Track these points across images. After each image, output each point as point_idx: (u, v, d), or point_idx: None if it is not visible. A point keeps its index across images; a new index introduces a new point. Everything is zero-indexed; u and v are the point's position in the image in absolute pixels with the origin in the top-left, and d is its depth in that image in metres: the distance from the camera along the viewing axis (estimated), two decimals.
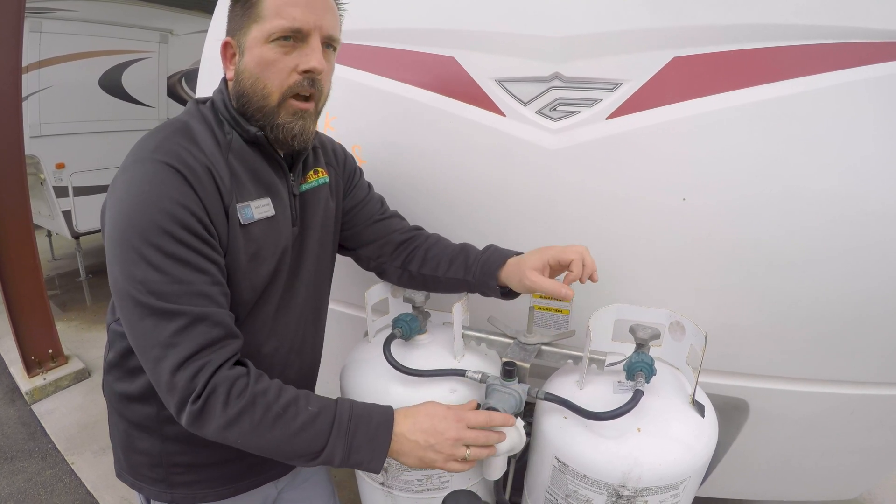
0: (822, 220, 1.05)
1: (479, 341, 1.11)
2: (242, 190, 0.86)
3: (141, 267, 0.73)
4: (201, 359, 0.74)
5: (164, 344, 0.74)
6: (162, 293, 0.74)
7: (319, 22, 0.84)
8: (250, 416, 0.75)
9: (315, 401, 0.81)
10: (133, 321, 0.75)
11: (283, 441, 0.77)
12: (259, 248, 0.88)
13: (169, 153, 0.78)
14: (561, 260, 0.96)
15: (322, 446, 0.78)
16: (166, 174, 0.76)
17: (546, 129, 1.14)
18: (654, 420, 0.90)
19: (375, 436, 0.80)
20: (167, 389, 0.75)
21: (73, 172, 3.92)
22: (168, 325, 0.74)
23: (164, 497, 0.98)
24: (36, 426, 2.64)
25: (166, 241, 0.74)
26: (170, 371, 0.74)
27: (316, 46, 0.84)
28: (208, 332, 0.76)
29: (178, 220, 0.75)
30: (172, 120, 0.87)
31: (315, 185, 1.02)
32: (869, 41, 1.00)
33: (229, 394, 0.75)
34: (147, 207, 0.74)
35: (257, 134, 0.87)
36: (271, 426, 0.76)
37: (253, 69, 0.84)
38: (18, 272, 2.74)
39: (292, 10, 0.81)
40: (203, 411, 0.74)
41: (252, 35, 0.83)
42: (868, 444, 1.37)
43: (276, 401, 0.77)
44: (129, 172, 0.78)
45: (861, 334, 1.15)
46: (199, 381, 0.73)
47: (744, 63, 1.04)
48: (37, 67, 3.58)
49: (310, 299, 1.04)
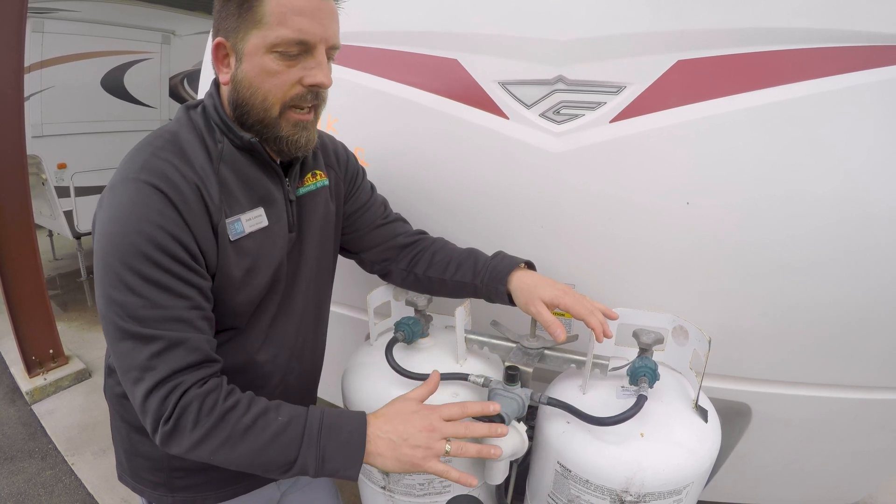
0: (825, 224, 1.05)
1: (481, 345, 1.11)
2: (233, 203, 0.84)
3: (121, 291, 0.73)
4: (172, 381, 0.74)
5: (140, 367, 0.73)
6: (140, 318, 0.73)
7: (326, 33, 0.80)
8: (220, 432, 0.74)
9: (286, 410, 0.78)
10: (113, 342, 0.75)
11: (254, 454, 0.75)
12: (254, 260, 0.87)
13: (156, 173, 0.76)
14: (572, 312, 0.94)
15: (294, 457, 0.76)
16: (151, 196, 0.74)
17: (549, 132, 1.14)
18: (657, 425, 0.90)
19: (348, 442, 0.77)
20: (142, 412, 0.75)
21: (75, 173, 3.92)
22: (144, 349, 0.73)
23: (166, 501, 0.98)
24: (36, 426, 2.63)
25: (146, 266, 0.73)
26: (143, 394, 0.74)
27: (322, 60, 0.81)
28: (185, 356, 0.75)
29: (159, 244, 0.74)
30: (162, 130, 0.84)
31: (313, 189, 1.00)
32: (873, 45, 1.00)
33: (199, 412, 0.73)
34: (129, 231, 0.73)
35: (251, 141, 0.84)
36: (241, 439, 0.74)
37: (253, 79, 0.80)
38: (19, 272, 2.73)
39: (299, 21, 0.77)
40: (174, 431, 0.73)
41: (252, 42, 0.78)
42: (870, 447, 1.36)
43: (245, 413, 0.75)
44: (115, 192, 0.76)
45: (864, 338, 1.15)
46: (169, 401, 0.73)
47: (748, 66, 1.03)
48: (39, 67, 3.58)
49: (310, 304, 1.03)
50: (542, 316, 0.95)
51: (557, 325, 0.94)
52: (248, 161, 0.87)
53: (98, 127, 4.02)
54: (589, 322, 0.92)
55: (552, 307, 0.96)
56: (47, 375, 2.92)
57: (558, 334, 0.94)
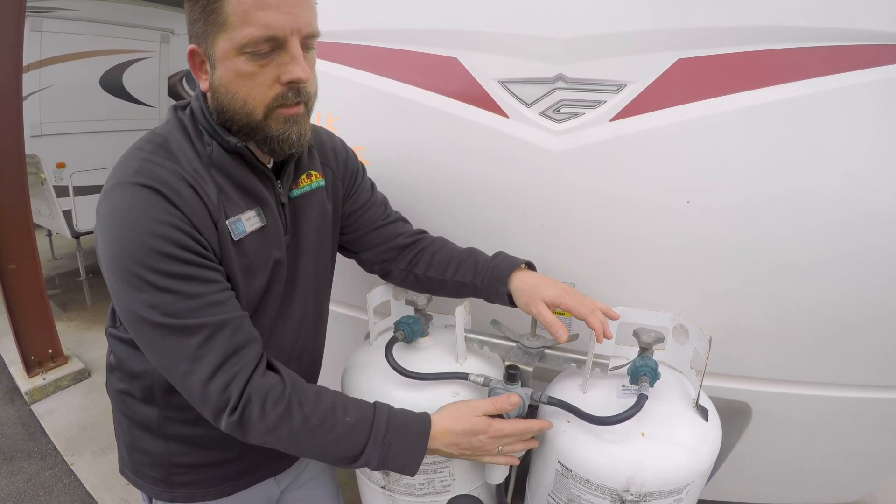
0: (826, 223, 1.04)
1: (481, 344, 1.11)
2: (231, 204, 0.83)
3: (149, 292, 0.72)
4: (230, 368, 0.75)
5: (190, 358, 0.74)
6: (177, 312, 0.73)
7: (296, 23, 0.74)
8: (288, 426, 0.78)
9: (353, 410, 0.83)
10: (153, 343, 0.75)
11: (320, 450, 0.81)
12: (251, 261, 0.86)
13: (150, 175, 0.74)
14: (573, 312, 0.94)
15: (358, 454, 0.82)
16: (149, 197, 0.73)
17: (550, 130, 1.13)
18: (658, 424, 0.89)
19: (410, 447, 0.83)
20: (200, 402, 0.76)
21: (74, 172, 3.92)
22: (190, 340, 0.74)
23: (165, 496, 0.98)
24: (35, 426, 2.63)
25: (165, 262, 0.72)
26: (200, 383, 0.74)
27: (296, 53, 0.76)
28: (231, 337, 0.76)
29: (171, 239, 0.73)
30: (153, 134, 0.82)
31: (307, 190, 0.97)
32: (874, 44, 1.00)
33: (264, 404, 0.76)
34: (137, 233, 0.72)
35: (237, 145, 0.82)
36: (309, 436, 0.79)
37: (228, 85, 0.77)
38: (18, 271, 2.73)
39: (264, 16, 0.71)
40: (241, 422, 0.76)
41: (220, 46, 0.74)
42: (870, 447, 1.36)
43: (313, 412, 0.79)
44: (111, 199, 0.74)
45: (864, 337, 1.15)
46: (232, 391, 0.75)
47: (749, 65, 1.03)
48: (37, 67, 3.57)
49: (309, 305, 1.02)
50: (543, 316, 0.95)
51: (559, 326, 0.94)
52: (238, 164, 0.84)
53: (97, 126, 4.01)
54: (590, 322, 0.92)
55: (553, 307, 0.96)
56: (46, 375, 2.92)
57: (560, 335, 0.94)
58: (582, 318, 0.93)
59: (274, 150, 0.83)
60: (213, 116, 0.82)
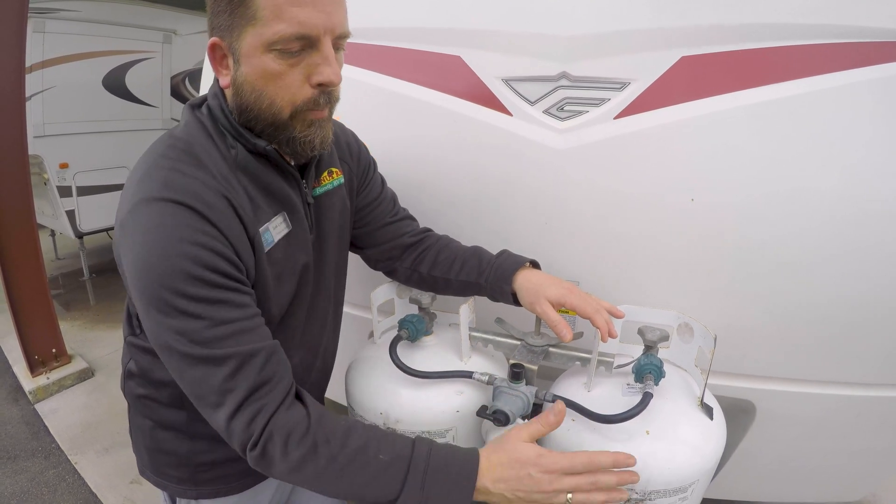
0: (829, 221, 1.04)
1: (485, 343, 1.11)
2: (260, 212, 0.79)
3: (177, 318, 0.68)
4: (255, 402, 0.71)
5: (219, 391, 0.70)
6: (205, 340, 0.69)
7: (330, 22, 0.70)
8: (314, 464, 0.71)
9: (387, 447, 0.74)
10: (181, 371, 0.72)
11: (351, 491, 0.73)
12: (281, 269, 0.84)
13: (181, 189, 0.70)
14: (578, 311, 0.94)
15: (395, 496, 0.72)
16: (181, 215, 0.69)
17: (553, 128, 1.13)
18: (663, 423, 0.89)
19: (454, 489, 0.72)
20: (227, 435, 0.73)
21: (77, 172, 3.93)
22: (219, 371, 0.70)
23: (190, 494, 0.97)
24: (39, 426, 2.63)
25: (196, 286, 0.68)
26: (226, 418, 0.71)
27: (328, 54, 0.72)
28: (260, 370, 0.72)
29: (203, 262, 0.68)
30: (173, 139, 0.77)
31: (330, 188, 0.95)
32: (877, 41, 0.99)
33: (287, 441, 0.71)
34: (168, 254, 0.67)
35: (267, 148, 0.78)
36: (338, 476, 0.72)
37: (255, 83, 0.73)
38: (22, 271, 2.74)
39: (297, 12, 0.67)
40: (263, 457, 0.72)
41: (248, 41, 0.70)
42: (873, 445, 1.36)
43: (341, 450, 0.72)
44: (141, 215, 0.69)
45: (867, 335, 1.14)
46: (255, 427, 0.71)
47: (753, 63, 1.03)
48: (40, 67, 3.59)
49: (330, 305, 1.02)
50: (548, 315, 0.94)
51: (564, 325, 0.93)
52: (265, 166, 0.81)
53: (100, 126, 4.02)
54: (595, 321, 0.92)
55: (558, 306, 0.96)
56: (50, 375, 2.92)
57: (565, 334, 0.93)
58: (586, 316, 0.93)
59: (296, 151, 0.80)
60: (234, 116, 0.78)
